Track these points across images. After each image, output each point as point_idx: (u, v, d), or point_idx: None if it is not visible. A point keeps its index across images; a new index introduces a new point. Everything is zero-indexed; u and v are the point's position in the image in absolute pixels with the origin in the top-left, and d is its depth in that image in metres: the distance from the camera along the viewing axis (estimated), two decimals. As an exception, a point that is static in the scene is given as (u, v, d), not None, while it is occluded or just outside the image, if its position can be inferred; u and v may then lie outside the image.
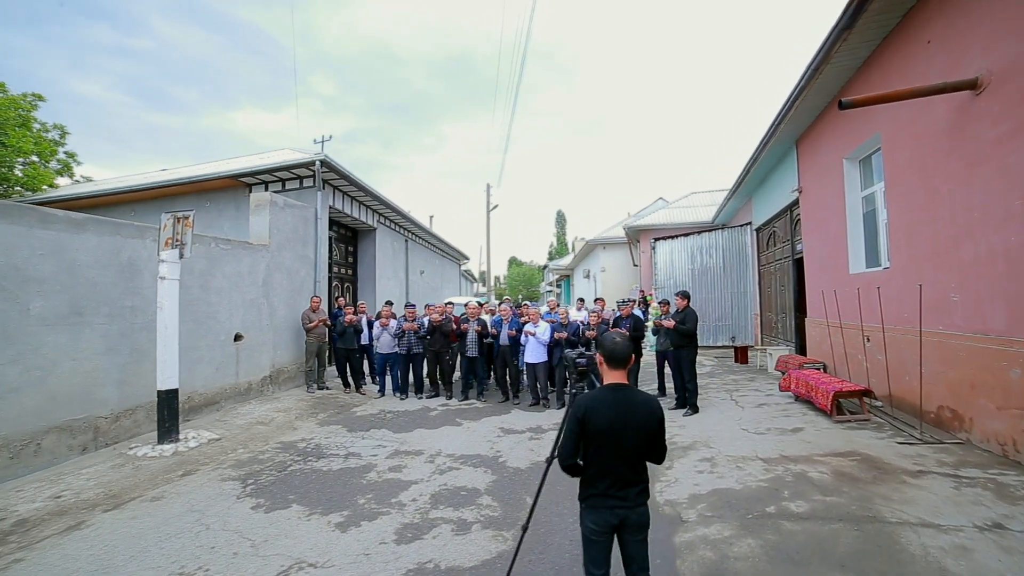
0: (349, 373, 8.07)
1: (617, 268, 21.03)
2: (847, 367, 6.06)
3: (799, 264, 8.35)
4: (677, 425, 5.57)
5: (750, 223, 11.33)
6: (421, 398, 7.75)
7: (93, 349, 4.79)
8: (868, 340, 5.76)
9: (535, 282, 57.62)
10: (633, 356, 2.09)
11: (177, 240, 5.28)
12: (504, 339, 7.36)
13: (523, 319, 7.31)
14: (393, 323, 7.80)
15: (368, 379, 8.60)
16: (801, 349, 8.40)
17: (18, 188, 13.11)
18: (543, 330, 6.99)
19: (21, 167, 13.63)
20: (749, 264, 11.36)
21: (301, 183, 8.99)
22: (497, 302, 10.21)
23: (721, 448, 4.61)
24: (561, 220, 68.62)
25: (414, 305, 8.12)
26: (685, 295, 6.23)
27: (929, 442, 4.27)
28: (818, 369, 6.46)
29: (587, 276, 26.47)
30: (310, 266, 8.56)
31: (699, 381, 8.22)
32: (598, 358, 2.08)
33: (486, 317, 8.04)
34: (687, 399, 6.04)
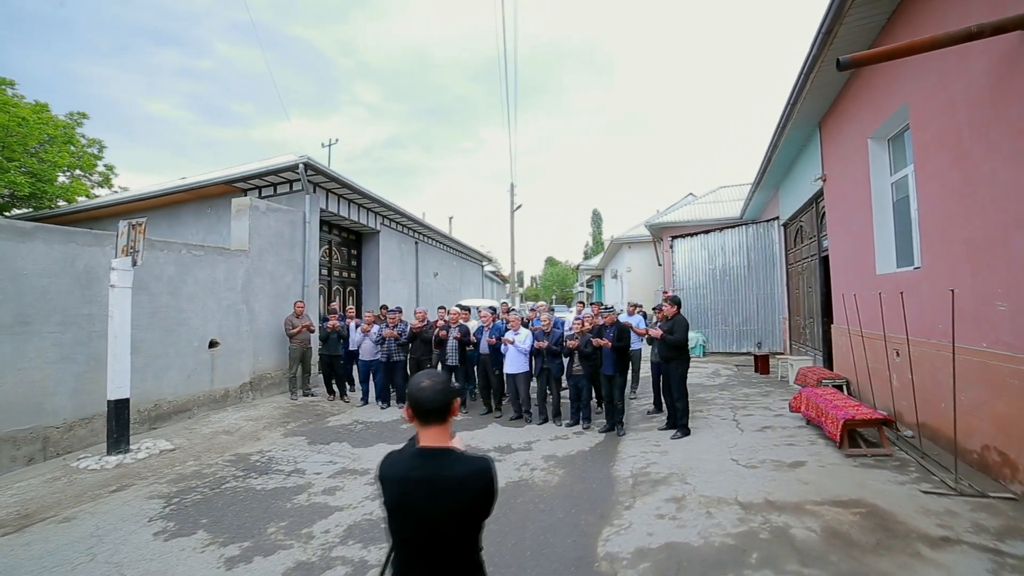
0: (334, 380, 7.87)
1: (643, 268, 19.96)
2: (871, 386, 5.11)
3: (825, 262, 7.31)
4: (659, 451, 4.88)
5: (777, 218, 10.20)
6: (402, 407, 7.40)
7: (43, 358, 4.76)
8: (897, 355, 4.81)
9: (569, 282, 56.62)
10: (451, 399, 1.53)
11: (131, 247, 5.20)
12: (484, 347, 6.88)
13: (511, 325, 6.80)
14: (375, 329, 7.52)
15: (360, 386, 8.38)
16: (829, 359, 7.34)
17: (55, 199, 14.13)
18: (523, 338, 6.44)
19: (64, 179, 14.76)
20: (777, 263, 10.24)
21: (291, 187, 8.91)
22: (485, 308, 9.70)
23: (698, 484, 3.90)
24: (597, 219, 67.08)
25: (397, 310, 7.79)
26: (675, 301, 5.49)
27: (967, 494, 3.33)
28: (838, 387, 5.52)
29: (615, 276, 25.45)
30: (297, 270, 8.44)
31: (708, 394, 7.42)
32: (406, 412, 1.51)
33: (473, 324, 7.60)
34: (677, 419, 5.30)
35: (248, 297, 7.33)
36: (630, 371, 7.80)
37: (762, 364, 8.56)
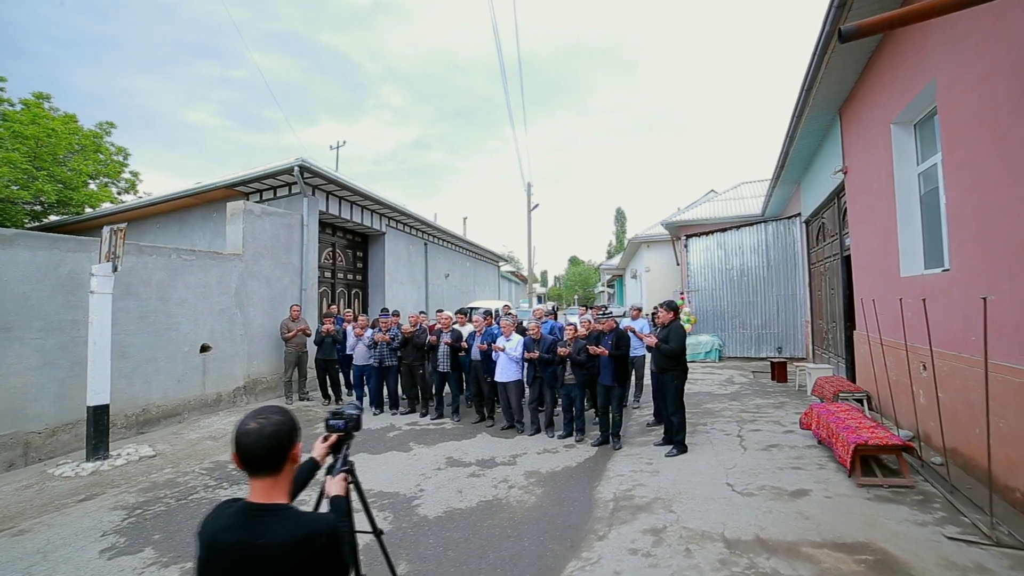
0: (329, 384, 7.77)
1: (662, 268, 19.28)
2: (893, 403, 4.55)
3: (847, 263, 6.68)
4: (650, 470, 4.48)
5: (799, 215, 9.50)
6: (395, 414, 7.23)
7: (24, 364, 4.78)
8: (924, 369, 4.25)
9: (592, 283, 55.74)
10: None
11: (113, 253, 5.18)
12: (475, 353, 6.61)
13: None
14: (368, 333, 7.37)
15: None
16: (852, 369, 6.70)
17: (82, 206, 14.76)
18: (515, 345, 6.14)
19: (94, 186, 15.46)
20: (799, 262, 9.54)
21: (290, 190, 8.89)
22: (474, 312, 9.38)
23: (683, 514, 3.50)
24: (620, 217, 65.85)
25: (393, 313, 7.61)
26: (671, 307, 5.07)
27: (1005, 544, 2.76)
28: (857, 402, 4.96)
29: (634, 276, 24.76)
30: (294, 274, 8.39)
31: (716, 404, 6.90)
32: (233, 458, 1.25)
33: (468, 328, 7.34)
34: (672, 435, 4.88)
35: (242, 301, 7.31)
36: (632, 378, 7.39)
37: (779, 371, 7.95)
